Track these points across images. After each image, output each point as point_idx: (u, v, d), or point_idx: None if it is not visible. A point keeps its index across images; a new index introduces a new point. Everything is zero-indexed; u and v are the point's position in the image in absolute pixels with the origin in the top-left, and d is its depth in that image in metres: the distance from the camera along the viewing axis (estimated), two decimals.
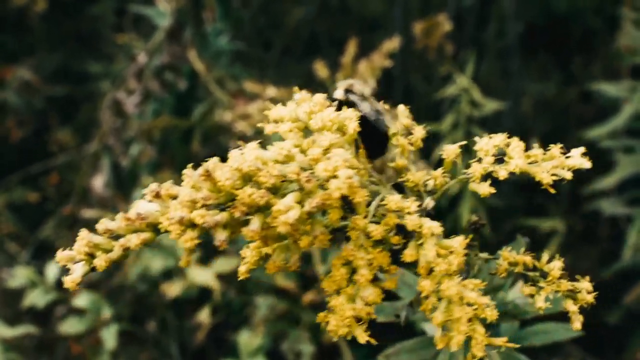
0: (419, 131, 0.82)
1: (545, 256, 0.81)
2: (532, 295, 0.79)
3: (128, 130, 2.26)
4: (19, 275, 2.02)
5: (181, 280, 2.12)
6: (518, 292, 0.88)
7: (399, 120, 0.83)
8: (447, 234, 0.81)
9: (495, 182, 0.84)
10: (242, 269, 0.73)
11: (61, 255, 0.69)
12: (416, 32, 2.03)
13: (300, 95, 0.79)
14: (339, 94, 0.83)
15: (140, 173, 2.38)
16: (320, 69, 1.67)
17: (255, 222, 0.65)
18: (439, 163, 0.86)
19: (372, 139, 0.81)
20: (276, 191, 0.67)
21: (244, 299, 2.22)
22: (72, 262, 0.68)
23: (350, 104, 0.82)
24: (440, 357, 0.83)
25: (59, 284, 2.07)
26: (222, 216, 0.65)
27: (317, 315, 0.73)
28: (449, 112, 2.18)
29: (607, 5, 3.46)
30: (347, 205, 0.71)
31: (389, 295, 0.78)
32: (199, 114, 2.19)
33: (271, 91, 1.61)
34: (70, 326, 1.98)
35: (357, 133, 0.75)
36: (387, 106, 0.86)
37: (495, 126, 2.77)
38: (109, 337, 1.96)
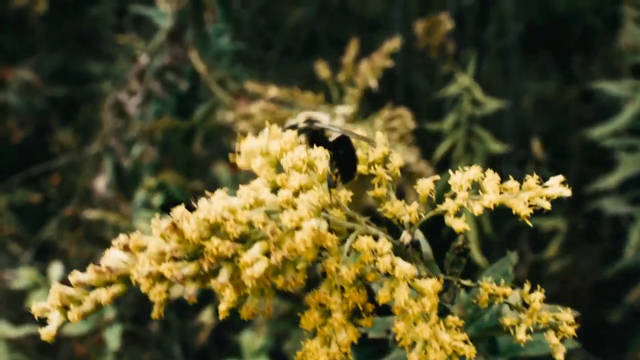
0: (397, 160, 0.81)
1: (527, 286, 0.80)
2: (512, 327, 0.79)
3: (130, 131, 2.26)
4: (23, 277, 2.02)
5: None
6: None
7: (378, 148, 0.82)
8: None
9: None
10: (222, 308, 0.72)
11: (36, 307, 0.69)
12: (418, 31, 2.03)
13: (269, 130, 0.77)
14: (301, 124, 0.82)
15: (142, 174, 2.38)
16: (322, 70, 1.67)
17: (224, 274, 0.65)
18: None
19: (342, 164, 0.80)
20: (245, 239, 0.66)
21: None
22: (46, 313, 0.69)
23: (315, 133, 0.81)
24: None
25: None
26: (190, 269, 0.64)
27: (295, 354, 0.73)
28: (450, 111, 2.18)
29: (607, 5, 3.46)
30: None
31: (382, 309, 0.77)
32: (201, 115, 2.19)
33: (273, 91, 1.61)
34: (74, 327, 1.99)
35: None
36: (357, 129, 0.85)
37: (496, 126, 2.78)
38: (113, 337, 1.96)
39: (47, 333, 0.68)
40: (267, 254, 0.65)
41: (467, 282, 0.83)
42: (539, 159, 2.55)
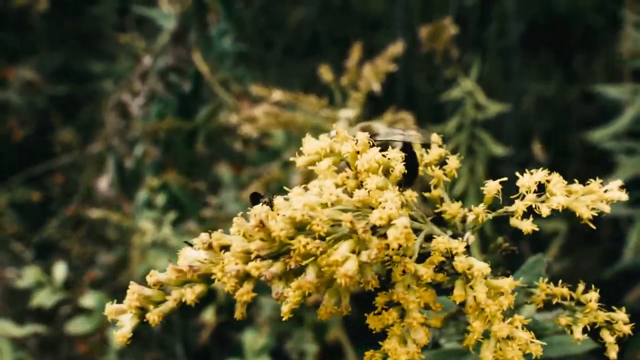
0: (453, 161, 0.83)
1: (580, 287, 0.82)
2: (569, 326, 0.80)
3: (132, 131, 2.27)
4: (28, 276, 2.03)
5: None
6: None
7: (432, 150, 0.83)
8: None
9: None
10: (285, 310, 0.71)
11: (111, 308, 0.67)
12: (422, 36, 2.04)
13: (337, 131, 0.78)
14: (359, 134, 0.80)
15: (144, 173, 2.39)
16: (325, 72, 1.68)
17: (311, 273, 0.65)
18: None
19: (405, 167, 0.80)
20: (327, 236, 0.66)
21: None
22: (121, 314, 0.67)
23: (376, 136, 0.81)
24: None
25: (65, 283, 2.09)
26: (278, 267, 0.64)
27: (364, 354, 0.73)
28: (453, 114, 2.19)
29: (608, 4, 3.46)
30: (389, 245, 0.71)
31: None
32: (204, 116, 2.20)
33: (277, 95, 1.61)
34: (78, 326, 2.00)
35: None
36: (414, 129, 0.86)
37: (497, 125, 2.78)
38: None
39: (122, 335, 0.67)
40: (353, 253, 0.65)
41: (519, 282, 0.84)
42: (540, 160, 2.56)
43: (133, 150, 2.32)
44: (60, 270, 2.07)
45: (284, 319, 0.72)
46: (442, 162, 0.84)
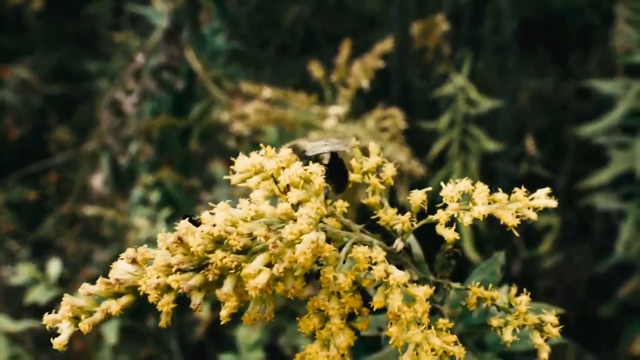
0: (390, 169, 0.85)
1: (513, 290, 0.84)
2: (500, 328, 0.83)
3: (126, 129, 2.28)
4: (22, 273, 2.04)
5: None
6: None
7: (371, 158, 0.85)
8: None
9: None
10: (224, 314, 0.74)
11: (47, 317, 0.72)
12: (414, 32, 2.05)
13: (265, 149, 0.81)
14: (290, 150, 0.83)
15: (139, 171, 2.39)
16: (315, 70, 1.69)
17: (228, 285, 0.68)
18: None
19: (335, 177, 0.84)
20: (247, 250, 0.70)
21: None
22: (58, 324, 0.72)
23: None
24: None
25: (60, 280, 2.10)
26: (197, 280, 0.68)
27: (291, 352, 0.76)
28: (445, 110, 2.20)
29: (604, 1, 3.47)
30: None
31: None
32: (197, 113, 2.21)
33: (267, 92, 1.62)
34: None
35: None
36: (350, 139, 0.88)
37: (492, 122, 2.79)
38: (111, 332, 1.98)
39: (59, 343, 0.71)
40: (269, 265, 0.68)
41: (456, 285, 0.87)
42: (533, 156, 2.57)
43: (127, 148, 2.33)
44: (54, 267, 2.08)
45: (221, 323, 0.74)
46: (379, 170, 0.87)
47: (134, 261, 0.71)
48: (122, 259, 0.71)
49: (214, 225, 0.69)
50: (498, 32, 3.29)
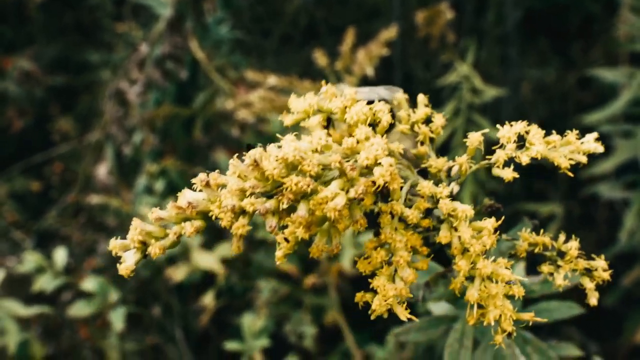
0: (439, 119, 0.87)
1: (562, 237, 0.85)
2: (551, 274, 0.84)
3: (130, 118, 2.28)
4: (28, 261, 2.05)
5: (186, 264, 2.16)
6: (522, 272, 0.91)
7: (419, 109, 0.87)
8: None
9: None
10: (279, 254, 0.74)
11: (114, 243, 0.72)
12: (418, 20, 2.04)
13: (327, 88, 0.82)
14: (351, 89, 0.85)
15: (143, 160, 2.40)
16: (320, 58, 1.68)
17: (302, 209, 0.69)
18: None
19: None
20: (317, 179, 0.70)
21: (246, 283, 2.25)
22: (125, 250, 0.71)
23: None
24: (451, 335, 0.87)
25: (65, 269, 2.11)
26: (271, 203, 0.69)
27: (356, 294, 0.77)
28: (449, 99, 2.19)
29: None
30: (379, 191, 0.75)
31: None
32: (201, 102, 2.21)
33: (272, 80, 1.62)
34: (79, 309, 2.02)
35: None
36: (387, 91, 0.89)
37: (495, 112, 2.79)
38: (117, 319, 2.00)
39: (126, 267, 0.71)
40: (342, 190, 0.69)
41: (504, 236, 0.87)
42: None
43: (131, 137, 2.33)
44: (60, 255, 2.09)
45: (277, 263, 0.75)
46: (428, 121, 0.88)
47: (207, 184, 0.70)
48: (194, 184, 0.71)
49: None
50: (501, 22, 3.28)
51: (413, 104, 1.81)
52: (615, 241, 2.35)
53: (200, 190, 0.71)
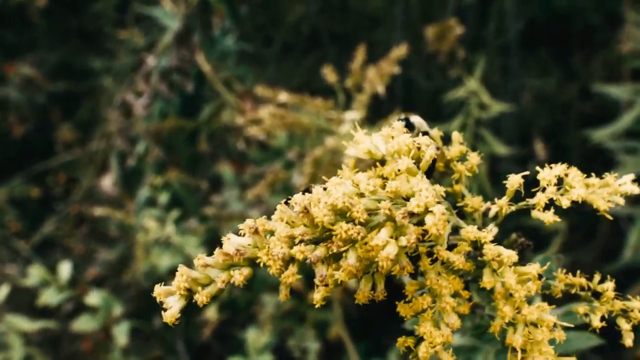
0: (474, 158, 0.85)
1: (597, 277, 0.84)
2: (586, 314, 0.83)
3: (135, 130, 2.27)
4: (32, 274, 2.04)
5: None
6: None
7: (454, 146, 0.85)
8: None
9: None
10: (317, 297, 0.73)
11: (159, 290, 0.71)
12: (428, 36, 2.04)
13: (387, 131, 0.79)
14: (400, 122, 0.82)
15: (146, 172, 2.39)
16: (329, 74, 1.68)
17: (352, 257, 0.68)
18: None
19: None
20: (365, 224, 0.69)
21: (250, 297, 2.24)
22: (170, 296, 0.71)
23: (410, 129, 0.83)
24: None
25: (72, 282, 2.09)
26: (321, 251, 0.68)
27: (397, 340, 0.76)
28: (452, 110, 2.19)
29: (607, 2, 3.47)
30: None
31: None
32: (206, 115, 2.20)
33: (283, 96, 1.62)
34: (83, 323, 2.01)
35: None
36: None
37: (496, 122, 2.79)
38: (121, 333, 1.98)
39: (171, 315, 0.70)
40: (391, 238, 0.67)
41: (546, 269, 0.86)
42: (542, 158, 2.57)
43: (135, 148, 2.32)
44: (65, 269, 2.08)
45: (316, 306, 0.74)
46: (462, 159, 0.86)
47: (256, 231, 0.70)
48: (241, 229, 0.70)
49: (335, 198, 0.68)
50: (502, 32, 3.29)
51: (415, 112, 1.80)
52: (617, 254, 2.35)
53: (245, 235, 0.71)
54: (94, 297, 2.04)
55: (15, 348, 1.92)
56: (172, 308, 0.70)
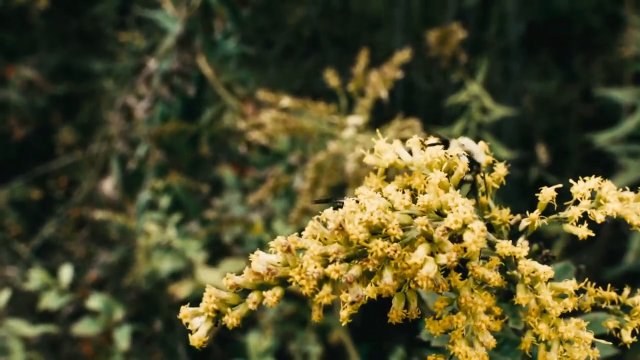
0: (501, 168, 0.83)
1: (626, 290, 0.82)
2: (616, 329, 0.81)
3: (136, 132, 2.27)
4: (34, 278, 2.03)
5: (190, 281, 2.14)
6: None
7: (480, 157, 0.82)
8: None
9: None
10: (344, 315, 0.69)
11: (186, 311, 0.67)
12: (430, 40, 2.04)
13: (414, 140, 0.78)
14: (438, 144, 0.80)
15: (146, 175, 2.38)
16: (331, 78, 1.67)
17: (388, 275, 0.66)
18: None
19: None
20: (398, 240, 0.67)
21: None
22: (197, 317, 0.67)
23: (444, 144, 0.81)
24: None
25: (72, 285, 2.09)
26: (357, 270, 0.65)
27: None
28: (452, 113, 2.19)
29: (607, 5, 3.47)
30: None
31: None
32: (208, 119, 2.20)
33: (285, 101, 1.61)
34: (84, 327, 2.00)
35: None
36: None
37: (496, 125, 2.79)
38: (122, 337, 1.97)
39: (199, 338, 0.66)
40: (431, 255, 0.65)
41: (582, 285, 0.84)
42: (544, 162, 2.57)
43: (136, 151, 2.32)
44: (66, 273, 2.07)
45: (342, 324, 0.71)
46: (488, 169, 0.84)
47: (288, 249, 0.66)
48: (271, 247, 0.67)
49: (371, 214, 0.65)
50: (503, 36, 3.29)
51: (415, 114, 1.79)
52: (619, 258, 2.35)
53: (275, 253, 0.67)
54: (94, 301, 2.03)
55: (16, 352, 1.91)
56: (199, 331, 0.66)
